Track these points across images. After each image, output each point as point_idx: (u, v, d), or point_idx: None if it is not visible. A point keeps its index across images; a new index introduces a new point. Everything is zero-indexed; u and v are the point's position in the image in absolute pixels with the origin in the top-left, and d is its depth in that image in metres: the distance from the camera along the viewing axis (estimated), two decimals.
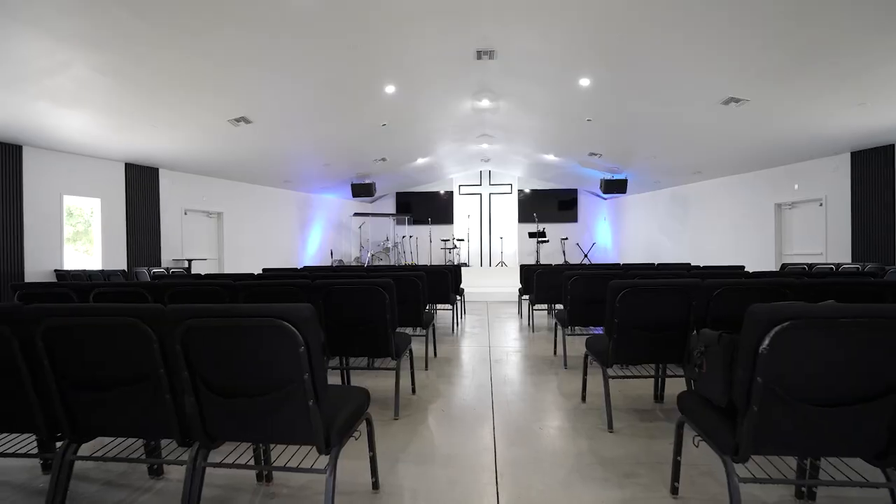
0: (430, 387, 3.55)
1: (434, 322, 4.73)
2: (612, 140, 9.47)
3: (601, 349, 2.76)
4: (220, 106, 6.85)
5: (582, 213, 14.95)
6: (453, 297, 6.17)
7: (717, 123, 7.56)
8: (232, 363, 1.54)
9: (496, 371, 4.01)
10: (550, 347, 4.91)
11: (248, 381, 1.55)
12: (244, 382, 1.55)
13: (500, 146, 11.68)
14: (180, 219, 9.22)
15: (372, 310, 2.87)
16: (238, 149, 8.64)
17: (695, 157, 9.47)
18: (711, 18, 4.85)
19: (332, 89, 6.97)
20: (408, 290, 4.01)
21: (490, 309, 8.45)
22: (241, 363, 1.54)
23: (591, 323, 4.14)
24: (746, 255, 9.50)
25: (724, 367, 1.52)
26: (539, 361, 4.34)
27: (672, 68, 6.07)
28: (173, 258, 8.97)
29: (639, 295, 2.56)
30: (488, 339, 5.56)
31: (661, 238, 12.42)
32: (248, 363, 1.54)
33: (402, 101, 7.83)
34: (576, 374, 3.81)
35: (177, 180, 9.15)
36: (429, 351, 4.50)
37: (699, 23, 4.98)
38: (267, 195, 11.29)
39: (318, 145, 9.40)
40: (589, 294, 3.99)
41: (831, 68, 5.46)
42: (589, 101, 7.60)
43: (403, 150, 10.88)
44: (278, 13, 4.82)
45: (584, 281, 3.96)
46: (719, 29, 5.02)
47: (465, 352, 4.86)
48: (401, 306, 4.00)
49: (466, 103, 8.55)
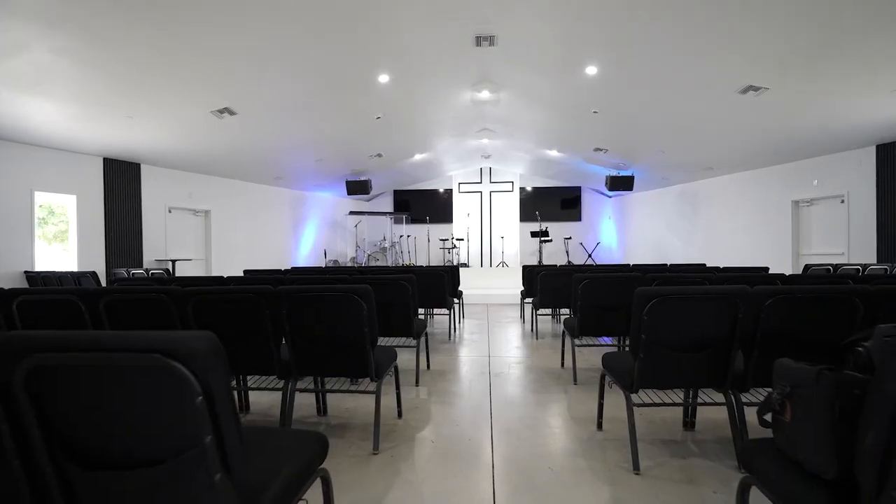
0: (419, 408, 3.06)
1: (427, 330, 4.25)
2: (618, 134, 8.97)
3: (623, 369, 2.27)
4: (201, 96, 6.38)
5: (586, 212, 14.45)
6: (450, 302, 5.68)
7: (733, 114, 7.07)
8: (102, 420, 1.02)
9: (496, 387, 3.52)
10: (556, 357, 4.43)
11: (124, 446, 1.03)
12: (119, 448, 1.03)
13: (501, 141, 11.19)
14: (164, 217, 8.75)
15: (346, 322, 2.38)
16: (224, 143, 8.16)
17: (706, 152, 8.97)
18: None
19: (322, 78, 6.49)
20: (396, 296, 3.53)
21: (490, 312, 7.97)
22: (113, 420, 1.02)
23: (604, 332, 3.65)
24: (761, 254, 9.01)
25: (830, 423, 1.03)
26: (545, 375, 3.85)
27: (686, 53, 5.59)
28: (156, 258, 8.50)
29: (672, 305, 2.08)
30: (488, 346, 5.08)
31: (669, 237, 11.92)
32: (124, 419, 1.02)
33: (396, 92, 7.35)
34: (587, 392, 3.33)
35: (160, 176, 8.68)
36: (420, 363, 4.02)
37: (717, 2, 4.50)
38: (258, 192, 10.81)
39: (310, 140, 8.92)
40: (603, 300, 3.50)
41: (864, 51, 4.96)
42: (595, 91, 7.12)
43: (400, 145, 10.40)
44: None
45: (596, 285, 3.48)
46: (741, 6, 4.53)
47: (462, 362, 4.37)
48: (388, 313, 3.53)
49: (465, 95, 8.06)
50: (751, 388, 2.14)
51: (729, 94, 6.44)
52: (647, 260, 12.37)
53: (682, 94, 6.72)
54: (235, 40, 5.16)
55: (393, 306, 3.57)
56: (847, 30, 4.64)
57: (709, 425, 2.65)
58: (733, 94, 6.42)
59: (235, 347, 2.45)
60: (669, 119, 7.74)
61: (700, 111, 7.21)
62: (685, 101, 6.96)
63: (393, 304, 3.56)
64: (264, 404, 3.10)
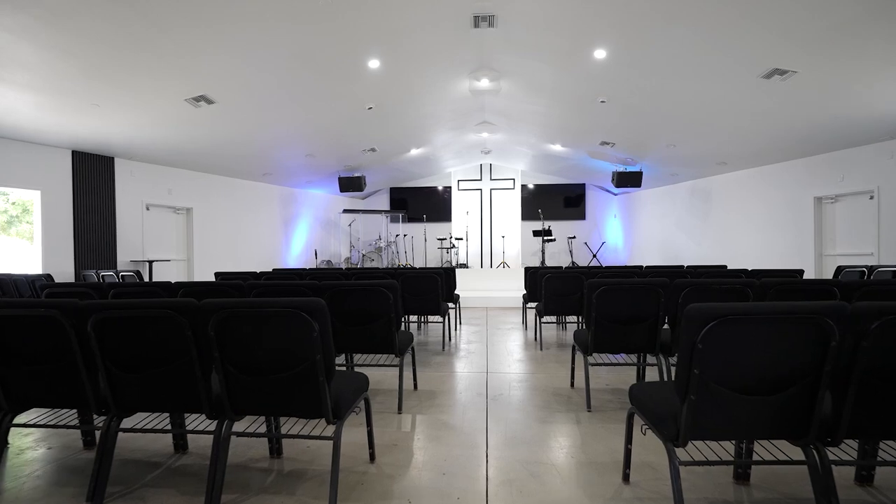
0: (398, 446, 2.48)
1: (420, 339, 3.68)
2: (627, 126, 8.38)
3: (664, 413, 1.68)
4: (174, 82, 5.80)
5: (590, 210, 13.86)
6: (445, 308, 5.10)
7: (754, 102, 6.47)
8: None
9: (495, 414, 2.94)
10: (565, 374, 3.84)
11: None
12: None
13: (502, 135, 10.60)
14: (141, 215, 8.18)
15: (292, 347, 1.80)
16: (204, 135, 7.59)
17: (721, 146, 8.37)
18: None
19: (306, 63, 5.92)
20: (375, 305, 2.95)
21: (490, 317, 7.39)
22: None
23: (622, 349, 3.07)
24: (779, 255, 8.41)
25: None
26: (552, 398, 3.27)
27: (705, 32, 5.01)
28: (131, 259, 7.93)
29: (741, 330, 1.48)
30: (486, 359, 4.49)
31: (678, 237, 11.32)
32: None
33: (388, 80, 6.77)
34: (605, 423, 2.74)
35: (137, 171, 8.11)
36: (407, 383, 3.45)
37: None
38: (244, 189, 10.24)
39: (298, 133, 8.35)
40: (622, 312, 2.92)
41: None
42: (603, 77, 6.53)
43: (394, 139, 9.82)
44: None
45: (615, 294, 2.89)
46: None
47: (456, 380, 3.79)
48: (366, 326, 2.95)
49: (463, 83, 7.48)
50: (843, 441, 1.55)
51: (751, 79, 5.86)
52: (655, 261, 11.78)
53: (699, 80, 6.13)
54: (210, 20, 4.61)
55: (371, 317, 2.99)
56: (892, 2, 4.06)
57: (767, 477, 2.06)
58: (756, 78, 5.84)
59: (151, 378, 1.88)
60: (683, 109, 7.15)
61: (717, 100, 6.61)
62: (701, 89, 6.37)
63: (371, 314, 2.98)
64: (202, 446, 2.50)
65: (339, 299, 2.98)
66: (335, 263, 12.83)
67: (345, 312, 3.00)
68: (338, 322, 3.03)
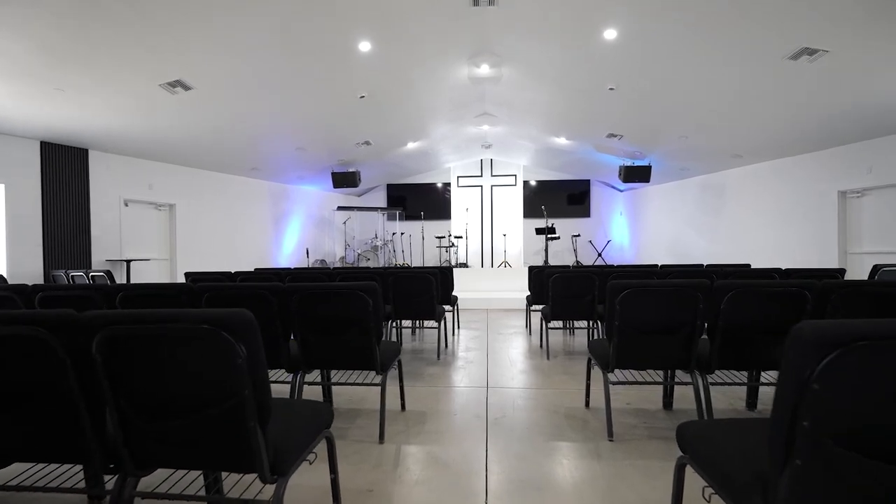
0: (375, 493, 1.96)
1: (404, 357, 3.18)
2: (636, 116, 7.85)
3: (745, 482, 1.16)
4: (146, 65, 5.29)
5: (595, 207, 13.32)
6: (441, 311, 4.58)
7: (778, 88, 5.94)
8: None
9: (497, 446, 2.42)
10: (576, 388, 3.32)
11: None
12: None
13: (504, 128, 10.07)
14: (119, 211, 7.67)
15: (208, 380, 1.28)
16: (185, 125, 7.08)
17: (738, 137, 7.83)
18: None
19: (292, 47, 5.42)
20: (351, 312, 2.43)
21: (491, 320, 6.87)
22: None
23: (653, 364, 2.54)
24: (799, 252, 7.88)
25: None
26: (564, 421, 2.74)
27: (728, 7, 4.50)
28: (107, 258, 7.42)
29: (883, 359, 0.96)
30: (487, 370, 3.97)
31: (688, 234, 10.78)
32: None
33: (381, 65, 6.26)
34: (632, 457, 2.22)
35: (114, 164, 7.60)
36: (392, 404, 2.93)
37: None
38: (232, 185, 9.72)
39: (286, 123, 7.83)
40: (653, 320, 2.39)
41: None
42: (613, 61, 6.01)
43: (389, 131, 9.29)
44: None
45: (645, 299, 2.37)
46: None
47: (450, 397, 3.27)
48: (342, 337, 2.44)
49: (462, 70, 6.95)
50: None
51: (776, 60, 5.33)
52: (663, 259, 11.24)
53: (719, 62, 5.61)
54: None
55: (347, 326, 2.47)
56: None
57: None
58: (782, 60, 5.31)
59: None
60: (698, 96, 6.62)
61: (737, 85, 6.08)
62: (721, 73, 5.84)
63: (347, 322, 2.47)
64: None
65: (309, 305, 2.46)
66: (329, 263, 12.32)
67: (316, 320, 2.49)
68: (307, 332, 2.51)
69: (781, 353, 1.62)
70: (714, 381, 2.55)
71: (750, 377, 2.84)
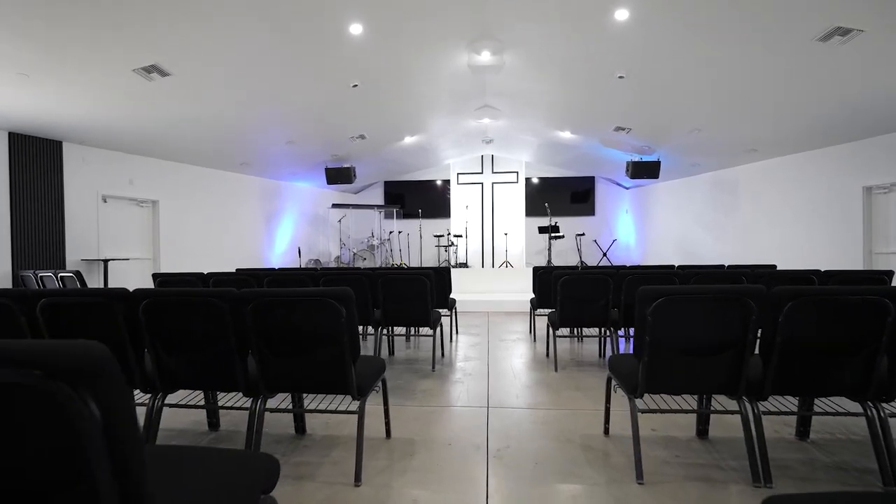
0: None
1: (392, 373, 2.75)
2: (646, 108, 7.38)
3: None
4: (117, 47, 4.84)
5: (600, 205, 12.85)
6: (436, 317, 4.12)
7: (803, 74, 5.48)
8: None
9: (499, 491, 1.96)
10: (591, 409, 2.86)
11: None
12: None
13: (505, 121, 9.60)
14: (96, 208, 7.21)
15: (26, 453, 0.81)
16: (166, 116, 6.62)
17: (755, 129, 7.36)
18: None
19: (277, 30, 4.96)
20: (319, 324, 1.97)
21: (492, 324, 6.40)
22: None
23: (693, 388, 2.08)
24: (818, 252, 7.41)
25: None
26: (581, 454, 2.28)
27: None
28: (83, 258, 6.96)
29: None
30: (487, 385, 3.51)
31: (698, 233, 10.31)
32: None
33: (374, 50, 5.79)
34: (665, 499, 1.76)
35: (91, 158, 7.14)
36: (376, 430, 2.47)
37: None
38: (220, 181, 9.26)
39: (274, 114, 7.37)
40: (697, 334, 1.93)
41: None
42: (624, 45, 5.55)
43: (385, 124, 8.83)
44: None
45: (683, 308, 1.91)
46: None
47: (445, 420, 2.80)
48: (306, 355, 1.98)
49: (461, 57, 6.49)
50: None
51: (805, 42, 4.87)
52: (671, 260, 10.77)
53: (738, 47, 5.15)
54: None
55: (315, 342, 2.01)
56: None
57: None
58: (811, 42, 4.85)
59: None
60: (715, 85, 6.15)
61: (758, 72, 5.61)
62: (740, 59, 5.38)
63: (314, 338, 2.00)
64: None
65: (268, 315, 2.00)
66: (324, 262, 11.87)
67: (277, 334, 2.03)
68: (266, 349, 2.05)
69: (851, 375, 1.25)
70: (765, 409, 2.09)
71: (801, 404, 2.37)
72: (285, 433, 2.57)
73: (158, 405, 2.19)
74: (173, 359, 2.12)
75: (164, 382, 2.16)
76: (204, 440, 2.50)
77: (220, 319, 2.00)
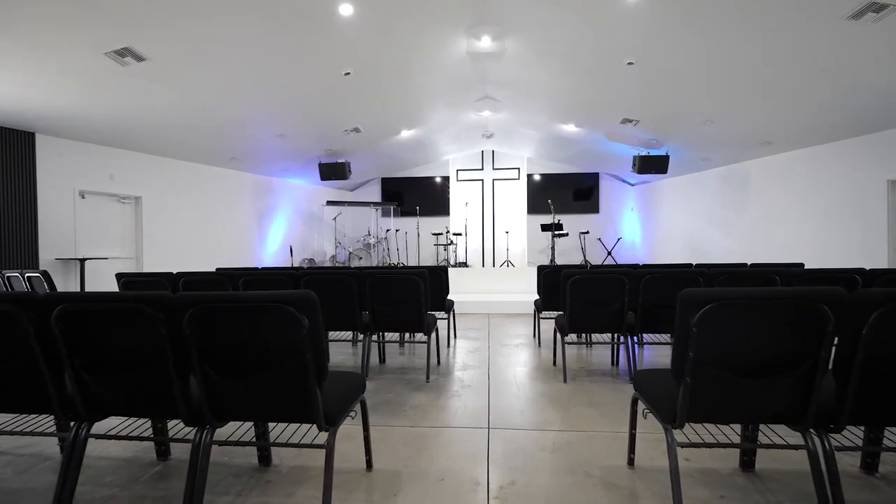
0: None
1: (364, 398, 2.39)
2: (656, 97, 6.96)
3: None
4: (85, 26, 4.43)
5: (604, 203, 12.42)
6: (431, 321, 3.71)
7: (829, 57, 5.06)
8: None
9: None
10: (611, 432, 2.45)
11: None
12: None
13: (507, 114, 9.18)
14: (73, 204, 6.80)
15: None
16: (148, 106, 6.21)
17: (772, 120, 6.93)
18: None
19: (260, 7, 4.54)
20: (268, 341, 1.55)
21: (493, 326, 5.98)
22: None
23: (741, 417, 1.66)
24: (838, 250, 6.99)
25: None
26: (604, 497, 1.86)
27: None
28: (58, 256, 6.55)
29: None
30: (487, 399, 3.09)
31: (708, 231, 9.89)
32: None
33: (366, 34, 5.38)
34: None
35: (67, 151, 6.73)
36: (355, 459, 2.06)
37: None
38: (208, 176, 8.85)
39: (263, 105, 6.95)
40: (757, 350, 1.51)
41: None
42: (634, 27, 5.14)
43: (381, 116, 8.41)
44: None
45: (740, 315, 1.49)
46: None
47: (437, 447, 2.38)
48: (257, 377, 1.56)
49: (460, 43, 6.08)
50: None
51: (833, 21, 4.46)
52: (677, 258, 10.36)
53: (758, 28, 4.74)
54: None
55: (270, 360, 1.59)
56: None
57: None
58: (840, 21, 4.44)
59: None
60: (730, 72, 5.72)
61: (779, 56, 5.19)
62: (760, 41, 4.96)
63: (268, 355, 1.59)
64: None
65: (210, 327, 1.58)
66: (319, 262, 11.46)
67: (224, 350, 1.61)
68: (210, 369, 1.64)
69: None
70: (837, 443, 1.67)
71: (868, 433, 1.95)
72: (247, 464, 2.15)
73: (83, 435, 1.77)
74: (98, 380, 1.70)
75: (87, 409, 1.75)
76: (147, 474, 2.08)
77: (151, 331, 1.59)
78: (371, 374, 3.75)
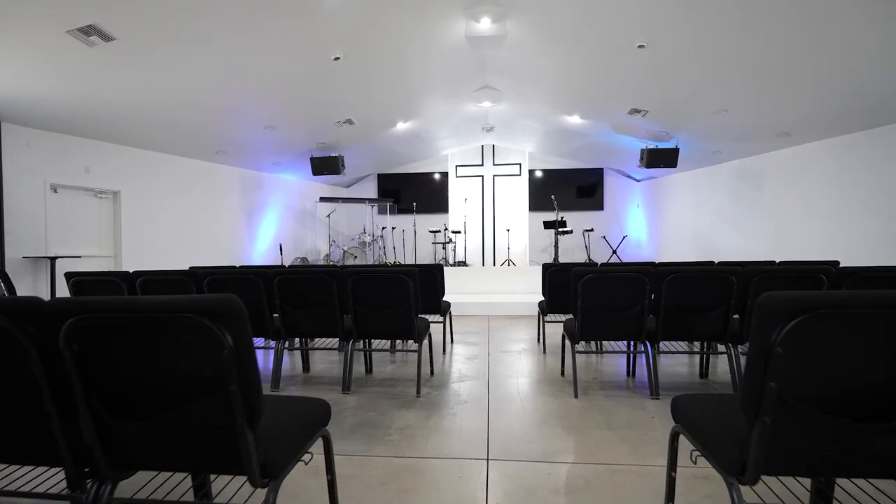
0: None
1: (326, 433, 2.00)
2: (667, 84, 6.50)
3: None
4: (42, 1, 3.97)
5: (609, 199, 11.97)
6: (423, 326, 3.25)
7: (856, 38, 4.57)
8: None
9: None
10: (635, 465, 2.00)
11: None
12: None
13: (507, 105, 8.73)
14: (44, 198, 6.34)
15: None
16: (120, 93, 5.74)
17: (792, 108, 6.46)
18: None
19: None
20: (175, 367, 1.08)
21: (493, 330, 5.53)
22: None
23: (836, 469, 1.19)
24: (863, 249, 6.53)
25: None
26: None
27: None
28: (25, 255, 6.10)
29: None
30: (486, 421, 2.64)
31: (718, 228, 9.43)
32: None
33: (356, 13, 4.93)
34: None
35: (36, 141, 6.28)
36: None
37: None
38: (192, 171, 8.40)
39: (248, 93, 6.49)
40: (858, 375, 1.03)
41: None
42: (645, 7, 4.68)
43: (375, 107, 7.96)
44: None
45: (840, 331, 1.01)
46: None
47: (422, 490, 1.93)
48: (180, 412, 1.08)
49: (458, 26, 5.63)
50: None
51: None
52: (687, 257, 9.91)
53: (780, 7, 4.27)
54: None
55: (184, 394, 1.14)
56: None
57: None
58: None
59: None
60: (747, 55, 5.25)
61: (802, 37, 4.72)
62: (781, 22, 4.50)
63: (181, 386, 1.13)
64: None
65: (102, 346, 1.13)
66: (312, 260, 11.01)
67: (117, 381, 1.16)
68: (102, 406, 1.18)
69: None
70: None
71: None
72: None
73: None
74: None
75: None
76: None
77: (14, 351, 1.13)
78: (355, 386, 3.30)
